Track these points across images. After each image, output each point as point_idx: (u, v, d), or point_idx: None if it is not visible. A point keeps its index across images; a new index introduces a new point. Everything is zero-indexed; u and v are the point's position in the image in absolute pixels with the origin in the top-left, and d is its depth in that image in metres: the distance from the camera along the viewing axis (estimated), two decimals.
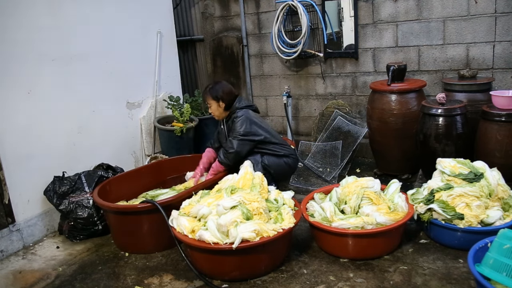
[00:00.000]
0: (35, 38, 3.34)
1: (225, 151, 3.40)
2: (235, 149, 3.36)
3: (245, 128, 3.38)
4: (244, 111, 3.47)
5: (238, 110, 3.47)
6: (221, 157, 3.42)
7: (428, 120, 3.52)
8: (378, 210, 2.76)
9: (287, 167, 3.61)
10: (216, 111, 3.53)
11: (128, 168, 3.94)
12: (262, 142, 3.45)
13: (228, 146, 3.40)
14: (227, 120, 3.56)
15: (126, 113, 4.23)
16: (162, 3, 4.59)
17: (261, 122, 3.54)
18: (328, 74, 4.76)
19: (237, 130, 3.39)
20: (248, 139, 3.39)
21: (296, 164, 3.72)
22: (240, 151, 3.38)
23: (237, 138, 3.38)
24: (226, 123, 3.57)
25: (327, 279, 2.58)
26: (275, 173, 3.50)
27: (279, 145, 3.55)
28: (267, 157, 3.47)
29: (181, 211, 2.82)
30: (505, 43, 3.83)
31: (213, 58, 5.47)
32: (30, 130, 3.33)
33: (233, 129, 3.42)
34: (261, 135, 3.44)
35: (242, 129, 3.38)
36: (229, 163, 3.40)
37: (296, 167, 3.79)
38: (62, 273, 2.91)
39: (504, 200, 2.81)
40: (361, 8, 4.38)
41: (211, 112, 3.59)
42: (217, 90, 3.49)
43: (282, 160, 3.54)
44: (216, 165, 3.46)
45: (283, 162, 3.55)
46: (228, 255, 2.53)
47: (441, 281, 2.46)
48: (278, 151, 3.51)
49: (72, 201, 3.30)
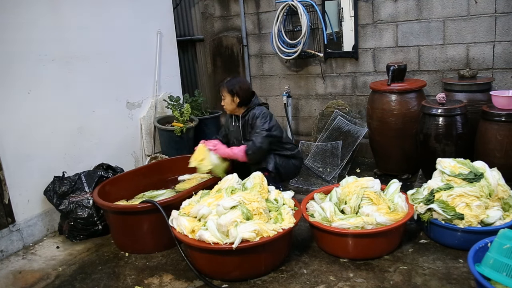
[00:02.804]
0: (35, 38, 3.34)
1: (254, 145, 3.30)
2: (262, 144, 3.31)
3: (269, 123, 3.36)
4: (262, 107, 3.46)
5: (257, 107, 3.45)
6: (250, 150, 3.30)
7: (428, 120, 3.52)
8: (378, 210, 2.76)
9: (294, 168, 3.61)
10: (229, 105, 3.48)
11: (128, 168, 3.94)
12: (279, 140, 3.46)
13: (257, 140, 3.31)
14: (244, 115, 3.50)
15: (126, 113, 4.23)
16: (162, 3, 4.58)
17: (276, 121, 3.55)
18: (328, 74, 4.76)
19: (261, 126, 3.34)
20: (272, 134, 3.37)
21: (301, 165, 3.73)
22: (266, 147, 3.35)
23: (262, 135, 3.32)
24: (242, 119, 3.51)
25: (327, 279, 2.58)
26: (284, 173, 3.51)
27: (289, 145, 3.57)
28: (278, 157, 3.47)
29: (181, 211, 2.82)
30: (505, 43, 3.83)
31: (213, 58, 5.47)
32: (30, 130, 3.33)
33: (256, 125, 3.37)
34: (280, 132, 3.45)
35: (266, 125, 3.35)
36: (255, 157, 3.34)
37: (301, 168, 3.80)
38: (62, 273, 2.91)
39: (504, 200, 2.81)
40: (361, 8, 4.38)
41: (223, 105, 3.53)
42: (234, 84, 3.44)
43: (291, 161, 3.54)
44: (240, 151, 3.32)
45: (291, 163, 3.55)
46: (228, 255, 2.53)
47: (441, 281, 2.46)
48: (287, 152, 3.52)
49: (72, 201, 3.30)
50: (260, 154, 3.37)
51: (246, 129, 3.48)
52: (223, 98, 3.50)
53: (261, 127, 3.34)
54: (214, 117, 4.80)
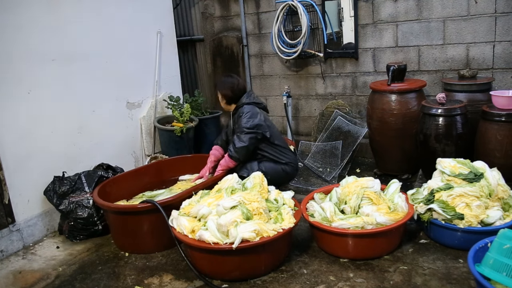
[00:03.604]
0: (35, 38, 3.34)
1: (234, 146, 3.38)
2: (244, 143, 3.35)
3: (252, 122, 3.37)
4: (250, 106, 3.46)
5: (245, 105, 3.46)
6: (232, 151, 3.39)
7: (428, 120, 3.52)
8: (378, 210, 2.76)
9: (284, 174, 3.56)
10: (221, 102, 3.61)
11: (128, 168, 3.94)
12: (265, 139, 3.44)
13: (236, 140, 3.38)
14: (233, 113, 3.55)
15: (126, 113, 4.23)
16: (162, 3, 4.58)
17: (266, 120, 3.52)
18: (328, 74, 4.76)
19: (243, 124, 3.38)
20: (254, 132, 3.37)
21: (295, 172, 3.67)
22: (249, 145, 3.37)
23: (244, 132, 3.36)
24: (232, 117, 3.57)
25: (327, 279, 2.58)
26: (271, 179, 3.30)
27: (281, 149, 3.51)
28: (264, 163, 3.46)
29: (181, 211, 2.82)
30: (505, 43, 3.83)
31: (213, 58, 5.47)
32: (30, 130, 3.33)
33: (239, 124, 3.41)
34: (266, 131, 3.42)
35: (248, 123, 3.37)
36: (239, 157, 3.39)
37: (295, 175, 3.74)
38: (62, 273, 2.91)
39: (504, 200, 2.81)
40: (361, 8, 4.38)
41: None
42: (220, 83, 3.58)
43: (280, 167, 3.50)
44: (225, 161, 3.44)
45: (280, 169, 3.50)
46: (228, 255, 2.53)
47: (441, 281, 2.46)
48: (278, 157, 3.48)
49: (72, 201, 3.30)
50: (244, 152, 3.39)
51: (234, 126, 3.52)
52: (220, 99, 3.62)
53: (242, 126, 3.38)
54: (214, 117, 4.80)
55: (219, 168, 3.46)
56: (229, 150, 3.41)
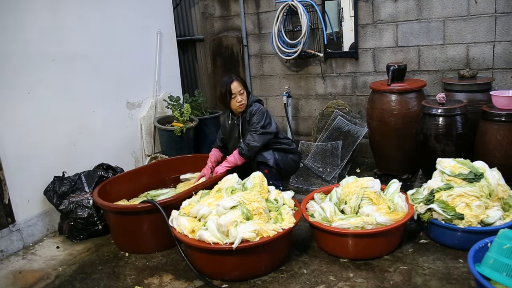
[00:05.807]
0: (35, 38, 3.34)
1: (247, 144, 3.40)
2: (257, 143, 3.39)
3: (265, 120, 3.42)
4: (259, 104, 3.53)
5: (254, 103, 3.51)
6: (244, 149, 3.40)
7: (428, 120, 3.52)
8: (378, 210, 2.76)
9: (293, 163, 3.66)
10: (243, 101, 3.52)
11: (128, 168, 3.94)
12: (275, 136, 3.51)
13: (250, 139, 3.40)
14: (243, 112, 3.55)
15: (126, 113, 4.23)
16: (162, 3, 4.58)
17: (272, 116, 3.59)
18: (328, 74, 4.76)
19: (257, 123, 3.41)
20: (267, 131, 3.43)
21: (300, 160, 3.77)
22: (262, 144, 3.42)
23: (258, 132, 3.40)
24: (242, 116, 3.56)
25: (327, 279, 2.58)
26: (284, 168, 3.54)
27: (285, 140, 3.61)
28: (277, 153, 3.51)
29: (181, 211, 2.82)
30: (505, 43, 3.83)
31: (213, 58, 5.47)
32: (30, 130, 3.33)
33: (252, 122, 3.44)
34: (276, 129, 3.50)
35: (262, 122, 3.41)
36: (250, 155, 3.42)
37: (299, 164, 3.83)
38: (62, 273, 2.91)
39: (504, 200, 2.81)
40: (361, 8, 4.38)
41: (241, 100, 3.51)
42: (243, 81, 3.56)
43: (289, 156, 3.60)
44: (234, 158, 3.44)
45: (289, 158, 3.60)
46: (228, 255, 2.53)
47: (441, 281, 2.46)
48: (284, 146, 3.57)
49: (72, 201, 3.30)
50: (256, 151, 3.43)
51: (244, 126, 3.53)
52: (240, 94, 3.47)
53: (256, 125, 3.41)
54: (214, 117, 4.80)
55: (226, 165, 3.45)
56: (241, 148, 3.42)
